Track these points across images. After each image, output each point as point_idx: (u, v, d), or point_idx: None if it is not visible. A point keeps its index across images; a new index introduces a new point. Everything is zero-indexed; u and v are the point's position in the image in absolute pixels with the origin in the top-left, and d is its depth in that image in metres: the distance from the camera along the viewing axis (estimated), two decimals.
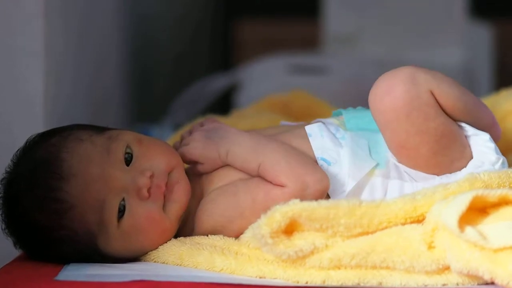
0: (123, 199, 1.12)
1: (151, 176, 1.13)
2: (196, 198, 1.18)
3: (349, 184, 1.13)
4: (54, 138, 1.15)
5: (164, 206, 1.14)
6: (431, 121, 1.12)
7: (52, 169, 1.11)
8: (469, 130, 1.16)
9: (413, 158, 1.13)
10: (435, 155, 1.13)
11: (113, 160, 1.13)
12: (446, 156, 1.13)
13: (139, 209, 1.12)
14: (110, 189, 1.11)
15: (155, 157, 1.15)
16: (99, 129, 1.18)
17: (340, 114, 1.22)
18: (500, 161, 1.15)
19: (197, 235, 1.17)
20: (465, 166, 1.14)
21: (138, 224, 1.12)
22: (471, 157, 1.15)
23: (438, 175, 1.14)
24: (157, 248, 1.15)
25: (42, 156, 1.13)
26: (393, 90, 1.11)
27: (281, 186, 1.12)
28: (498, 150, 1.16)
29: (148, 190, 1.12)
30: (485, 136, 1.16)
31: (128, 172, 1.13)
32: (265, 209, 1.03)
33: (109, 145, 1.14)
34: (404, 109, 1.11)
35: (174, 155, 1.18)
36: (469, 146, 1.15)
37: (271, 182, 1.13)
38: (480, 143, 1.15)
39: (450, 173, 1.14)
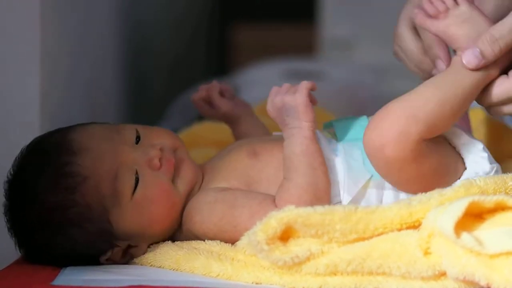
0: (136, 172, 1.14)
1: (161, 149, 1.17)
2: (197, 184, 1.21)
3: (345, 199, 1.13)
4: (59, 132, 1.18)
5: (173, 182, 1.17)
6: (423, 164, 1.11)
7: (62, 148, 1.14)
8: (463, 138, 1.16)
9: (410, 191, 1.13)
10: (431, 186, 1.11)
11: (123, 139, 1.18)
12: (442, 184, 1.12)
13: (152, 179, 1.15)
14: (122, 161, 1.14)
15: (161, 136, 1.21)
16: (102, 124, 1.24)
17: (331, 126, 1.22)
18: (494, 169, 1.15)
19: (184, 232, 1.18)
20: (459, 178, 1.14)
21: (150, 194, 1.15)
22: (464, 168, 1.15)
23: None
24: (165, 224, 1.17)
25: (50, 143, 1.16)
26: (386, 149, 1.08)
27: None
28: (492, 159, 1.16)
29: (160, 161, 1.16)
30: (479, 145, 1.16)
31: (137, 148, 1.17)
32: None
33: (118, 128, 1.20)
34: (397, 164, 1.09)
35: (177, 137, 1.24)
36: (461, 157, 1.15)
37: (275, 200, 1.12)
38: (474, 151, 1.15)
39: None
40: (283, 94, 1.16)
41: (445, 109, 1.08)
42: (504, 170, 1.19)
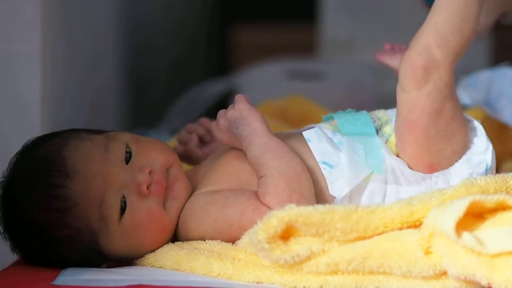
0: (124, 197, 1.13)
1: (150, 172, 1.14)
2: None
3: (344, 190, 1.13)
4: (54, 139, 1.16)
5: (164, 203, 1.15)
6: (449, 98, 1.12)
7: (55, 167, 1.12)
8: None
9: (418, 140, 1.13)
10: (440, 140, 1.13)
11: (112, 158, 1.15)
12: (449, 145, 1.14)
13: (139, 205, 1.13)
14: (109, 185, 1.13)
15: (153, 153, 1.17)
16: (97, 131, 1.20)
17: (332, 118, 1.22)
18: (490, 147, 1.16)
19: (182, 239, 1.17)
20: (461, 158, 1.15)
21: (139, 221, 1.13)
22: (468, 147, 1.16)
23: (436, 167, 1.14)
24: (157, 245, 1.16)
25: (43, 156, 1.14)
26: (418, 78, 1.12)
27: (266, 205, 1.11)
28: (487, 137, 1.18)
29: (148, 187, 1.14)
30: (477, 123, 1.17)
31: (126, 169, 1.15)
32: (253, 223, 1.04)
33: (107, 144, 1.16)
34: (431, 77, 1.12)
35: (171, 153, 1.21)
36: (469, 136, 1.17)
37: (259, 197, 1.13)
38: (471, 127, 1.17)
39: (447, 167, 1.15)
40: (224, 115, 1.18)
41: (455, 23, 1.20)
42: (505, 170, 1.19)
